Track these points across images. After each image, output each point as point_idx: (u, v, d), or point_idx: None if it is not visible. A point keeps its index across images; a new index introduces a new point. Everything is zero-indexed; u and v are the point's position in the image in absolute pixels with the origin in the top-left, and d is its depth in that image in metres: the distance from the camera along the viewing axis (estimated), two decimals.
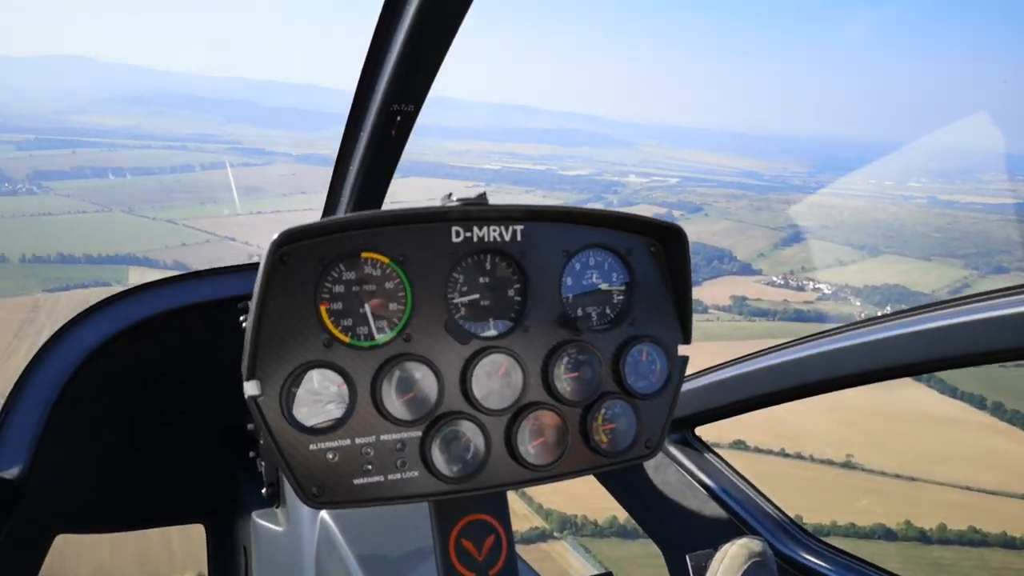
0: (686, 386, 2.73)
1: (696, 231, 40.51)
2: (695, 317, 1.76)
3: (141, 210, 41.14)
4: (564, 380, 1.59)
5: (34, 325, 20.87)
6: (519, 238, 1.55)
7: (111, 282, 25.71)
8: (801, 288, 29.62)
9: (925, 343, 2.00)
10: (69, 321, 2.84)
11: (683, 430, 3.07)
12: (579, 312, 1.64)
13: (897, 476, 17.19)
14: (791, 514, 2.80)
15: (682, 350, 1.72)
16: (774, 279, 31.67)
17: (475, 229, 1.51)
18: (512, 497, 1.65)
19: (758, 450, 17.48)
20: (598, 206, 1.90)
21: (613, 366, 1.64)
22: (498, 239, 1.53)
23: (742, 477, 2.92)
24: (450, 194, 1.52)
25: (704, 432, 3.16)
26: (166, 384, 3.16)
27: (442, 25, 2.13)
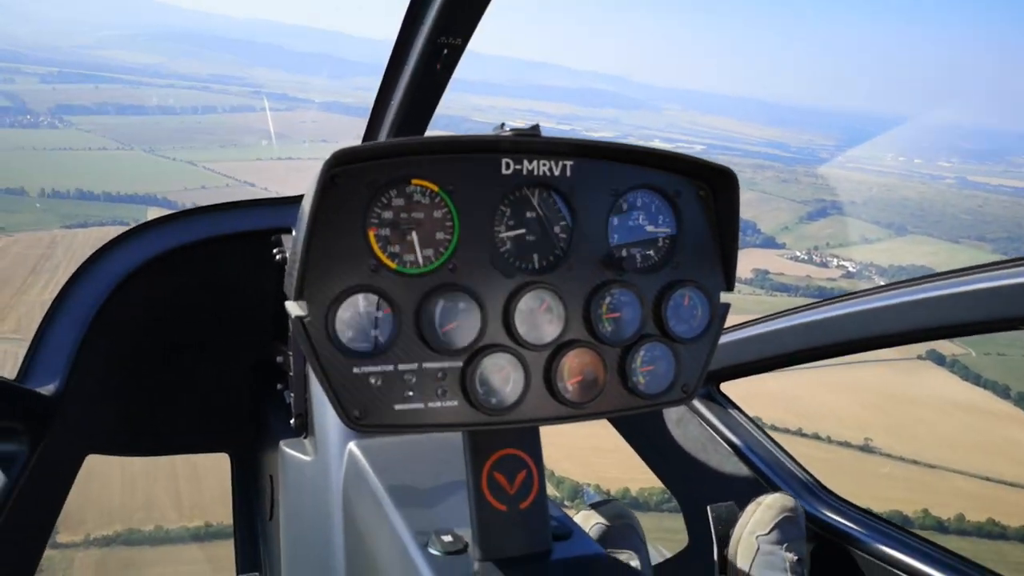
0: None
1: None
2: None
3: (162, 150, 41.05)
4: (605, 319, 1.57)
5: (50, 261, 20.87)
6: (569, 173, 1.53)
7: (129, 221, 25.46)
8: (825, 264, 29.17)
9: (952, 307, 2.02)
10: (105, 244, 2.85)
11: (708, 384, 3.07)
12: (624, 253, 1.62)
13: (915, 462, 17.04)
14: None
15: (724, 297, 1.71)
16: (797, 254, 31.20)
17: (525, 162, 1.49)
18: None
19: (774, 428, 17.12)
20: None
21: (655, 309, 1.62)
22: (547, 174, 1.51)
23: (766, 434, 2.91)
24: (502, 124, 1.48)
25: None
26: (197, 313, 3.18)
27: None
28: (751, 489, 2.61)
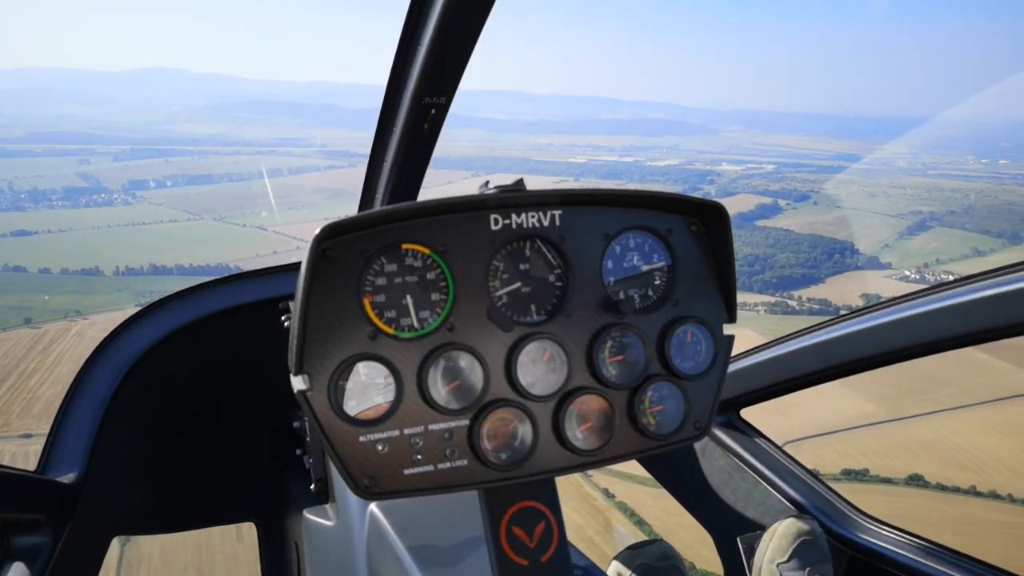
0: (729, 369, 2.31)
1: (808, 222, 37.97)
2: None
3: (232, 217, 41.71)
4: (609, 364, 1.57)
5: None
6: (558, 223, 1.55)
7: None
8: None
9: (973, 314, 2.00)
10: (116, 328, 2.86)
11: (728, 412, 3.02)
12: (621, 295, 1.63)
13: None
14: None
15: (727, 329, 1.68)
16: (907, 273, 28.76)
17: (513, 216, 1.52)
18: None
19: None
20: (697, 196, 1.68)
21: (658, 348, 1.62)
22: (536, 225, 1.54)
23: (791, 458, 2.87)
24: (487, 182, 1.52)
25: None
26: (213, 385, 3.21)
27: (469, 18, 2.14)
28: (781, 514, 2.50)
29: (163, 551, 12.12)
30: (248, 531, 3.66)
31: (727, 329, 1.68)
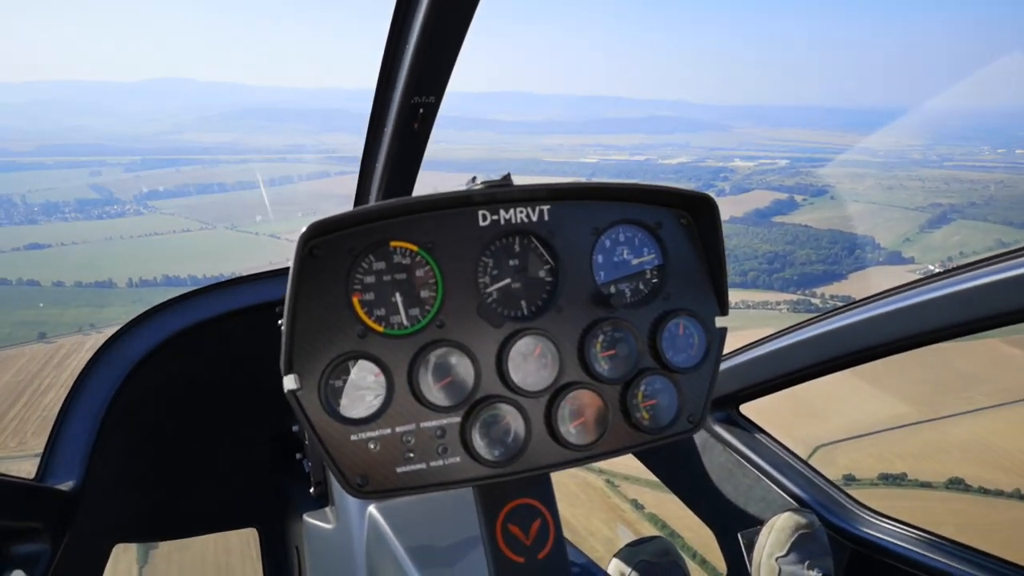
0: (727, 364, 2.85)
1: (827, 216, 37.42)
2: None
3: (244, 225, 41.71)
4: (601, 358, 1.57)
5: None
6: (546, 218, 1.55)
7: None
8: None
9: (966, 303, 1.99)
10: (113, 335, 2.82)
11: (727, 408, 3.00)
12: (612, 289, 1.62)
13: None
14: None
15: (719, 321, 1.68)
16: (931, 268, 28.06)
17: (501, 212, 1.51)
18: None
19: None
20: (711, 193, 1.66)
21: (650, 341, 1.62)
22: (525, 220, 1.53)
23: (791, 452, 2.86)
24: (474, 177, 1.51)
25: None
26: (211, 391, 3.15)
27: (455, 18, 2.13)
28: (781, 509, 2.39)
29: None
30: (252, 536, 3.67)
31: (720, 322, 1.68)
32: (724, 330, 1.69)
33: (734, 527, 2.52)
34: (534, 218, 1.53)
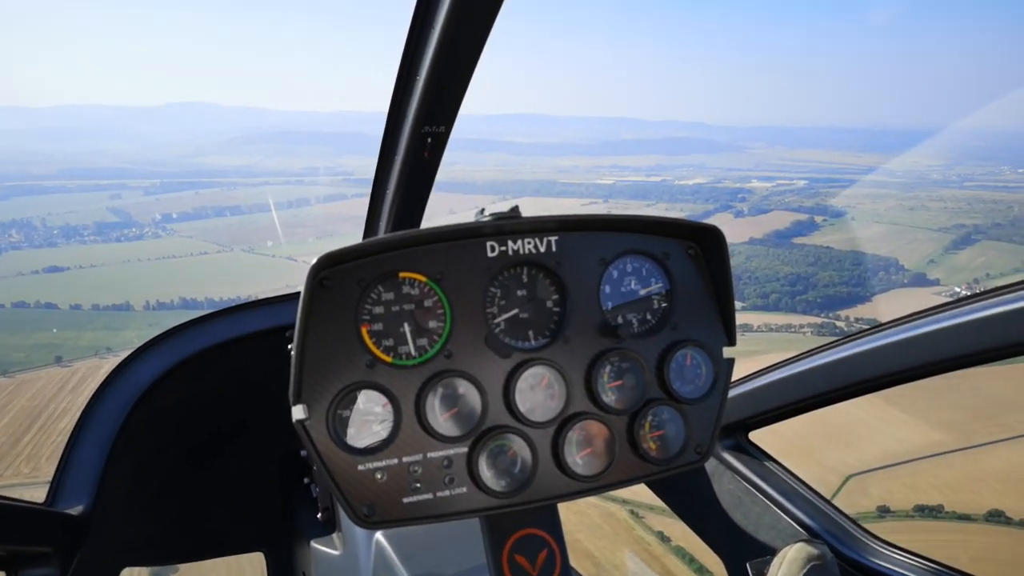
0: (736, 391, 2.78)
1: (848, 238, 36.92)
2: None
3: (261, 248, 41.87)
4: (608, 389, 1.58)
5: None
6: (554, 249, 1.57)
7: None
8: None
9: (984, 332, 1.94)
10: (123, 360, 2.85)
11: (736, 436, 2.96)
12: (619, 319, 1.63)
13: None
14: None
15: (727, 352, 1.68)
16: (957, 290, 27.66)
17: (509, 243, 1.53)
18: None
19: None
20: (727, 216, 1.31)
21: (657, 372, 1.63)
22: (533, 251, 1.55)
23: (801, 481, 2.80)
24: (482, 209, 1.53)
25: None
26: (221, 415, 3.18)
27: (466, 49, 2.14)
28: (792, 539, 2.47)
29: None
30: (259, 560, 3.66)
31: (727, 352, 1.67)
32: (732, 361, 1.68)
33: (744, 556, 2.47)
34: (542, 249, 1.54)
